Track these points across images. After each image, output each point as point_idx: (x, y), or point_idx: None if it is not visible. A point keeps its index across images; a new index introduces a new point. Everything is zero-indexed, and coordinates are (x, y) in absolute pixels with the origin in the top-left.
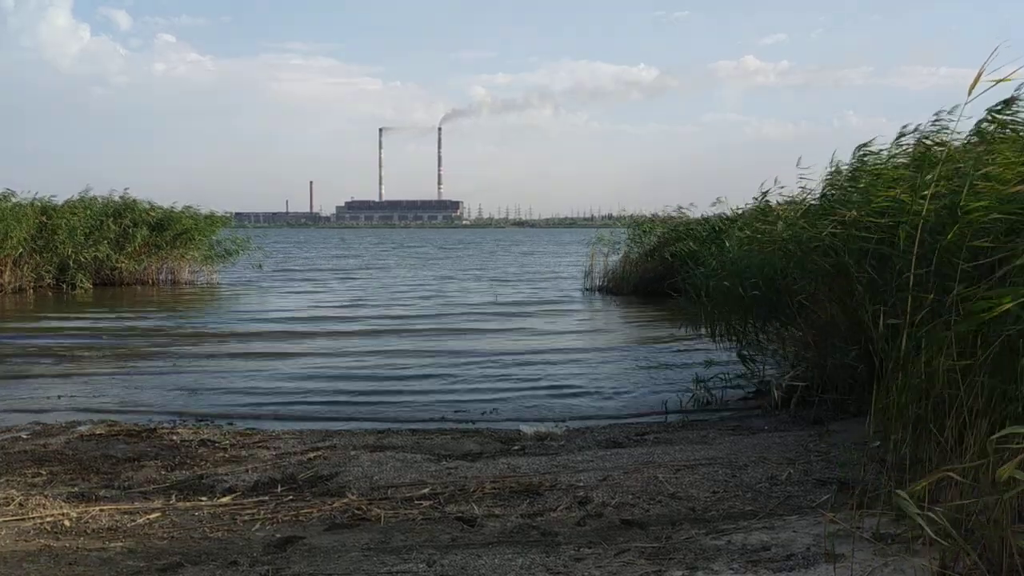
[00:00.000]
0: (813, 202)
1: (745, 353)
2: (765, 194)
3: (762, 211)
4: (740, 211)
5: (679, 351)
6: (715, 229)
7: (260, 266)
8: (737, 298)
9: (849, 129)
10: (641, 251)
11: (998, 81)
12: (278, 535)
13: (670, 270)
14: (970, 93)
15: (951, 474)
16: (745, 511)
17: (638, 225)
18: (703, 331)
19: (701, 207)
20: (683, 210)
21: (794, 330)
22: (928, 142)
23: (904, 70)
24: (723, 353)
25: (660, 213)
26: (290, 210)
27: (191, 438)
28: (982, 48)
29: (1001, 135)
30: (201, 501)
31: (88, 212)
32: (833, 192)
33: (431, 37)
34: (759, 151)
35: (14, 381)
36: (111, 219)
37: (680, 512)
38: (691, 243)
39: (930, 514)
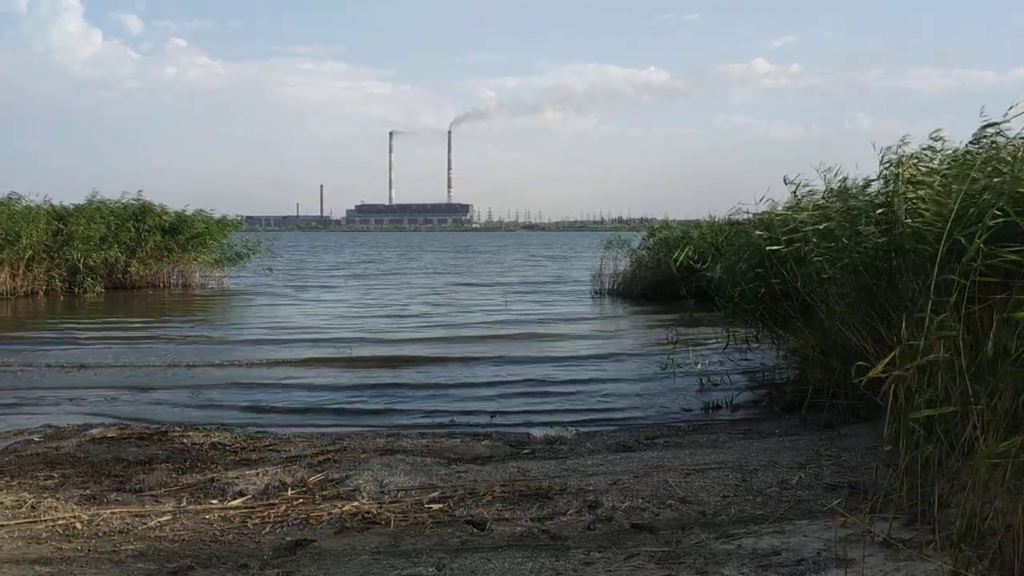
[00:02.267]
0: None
1: (760, 358)
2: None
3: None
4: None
5: (689, 355)
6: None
7: (270, 269)
8: (750, 297)
9: (860, 132)
10: (652, 255)
11: None
12: (288, 538)
13: (679, 274)
14: None
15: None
16: (755, 515)
17: (653, 230)
18: (717, 332)
19: (710, 210)
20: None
21: (805, 333)
22: None
23: (916, 72)
24: (735, 356)
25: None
26: (301, 214)
27: (202, 441)
28: (996, 50)
29: None
30: (212, 504)
31: (101, 216)
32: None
33: (440, 40)
34: (769, 153)
35: (26, 384)
36: (130, 222)
37: (690, 516)
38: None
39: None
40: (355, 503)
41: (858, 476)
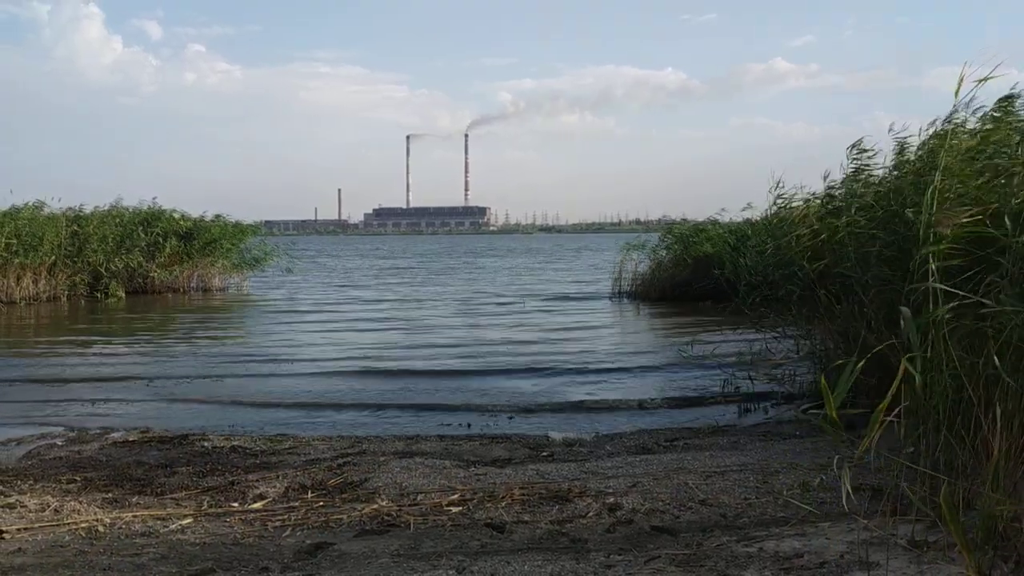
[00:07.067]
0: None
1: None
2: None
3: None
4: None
5: (708, 356)
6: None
7: (290, 270)
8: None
9: (880, 131)
10: (671, 255)
11: None
12: (308, 541)
13: (698, 274)
14: None
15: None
16: (777, 518)
17: (670, 228)
18: (736, 334)
19: (730, 211)
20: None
21: (828, 327)
22: None
23: (935, 72)
24: (755, 357)
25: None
26: (319, 218)
27: (222, 445)
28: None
29: None
30: (232, 507)
31: (118, 221)
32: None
33: (455, 44)
34: (788, 153)
35: (49, 388)
36: (140, 228)
37: (711, 519)
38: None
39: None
40: (374, 506)
41: (881, 478)
